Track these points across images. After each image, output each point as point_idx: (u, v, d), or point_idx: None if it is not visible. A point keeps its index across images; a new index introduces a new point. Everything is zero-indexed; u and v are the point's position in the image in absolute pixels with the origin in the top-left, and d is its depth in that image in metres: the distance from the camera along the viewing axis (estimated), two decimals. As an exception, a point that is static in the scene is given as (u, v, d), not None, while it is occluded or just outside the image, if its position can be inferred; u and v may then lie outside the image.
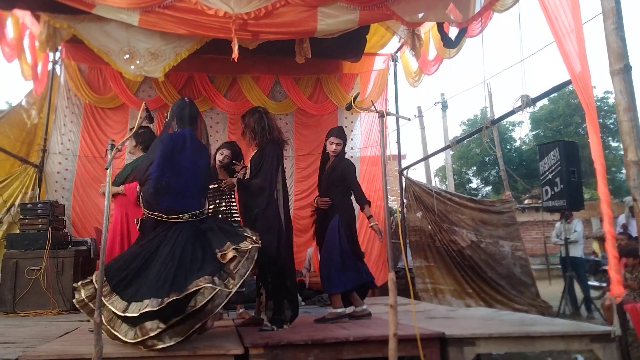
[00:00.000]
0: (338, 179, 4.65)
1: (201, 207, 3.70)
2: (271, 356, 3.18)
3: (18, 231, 6.17)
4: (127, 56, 6.25)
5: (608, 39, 3.16)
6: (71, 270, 5.98)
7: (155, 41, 6.15)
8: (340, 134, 4.79)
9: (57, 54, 7.40)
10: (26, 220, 6.12)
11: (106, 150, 3.01)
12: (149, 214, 3.61)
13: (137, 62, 6.27)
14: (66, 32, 6.26)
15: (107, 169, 2.93)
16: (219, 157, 4.85)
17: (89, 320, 4.67)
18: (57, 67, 7.48)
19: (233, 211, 4.75)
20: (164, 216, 3.54)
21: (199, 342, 3.38)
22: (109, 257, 3.84)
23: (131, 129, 3.37)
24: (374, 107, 3.41)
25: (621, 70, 3.09)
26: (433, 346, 3.33)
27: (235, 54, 5.10)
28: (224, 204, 4.76)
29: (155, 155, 3.61)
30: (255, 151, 4.32)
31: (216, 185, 4.65)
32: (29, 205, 6.23)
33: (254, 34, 5.39)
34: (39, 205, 6.20)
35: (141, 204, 3.74)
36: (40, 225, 6.07)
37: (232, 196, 4.77)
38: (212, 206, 4.68)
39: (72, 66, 7.41)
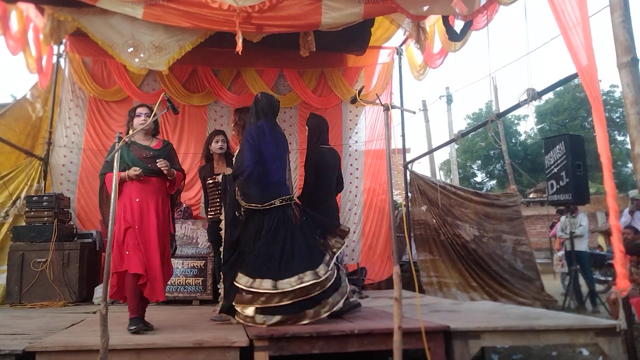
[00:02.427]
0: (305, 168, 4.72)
1: (289, 192, 3.96)
2: (276, 348, 3.19)
3: (24, 223, 6.21)
4: (131, 49, 6.24)
5: (615, 32, 3.14)
6: (77, 262, 6.05)
7: (159, 34, 6.13)
8: (307, 119, 4.92)
9: (62, 47, 7.39)
10: (32, 213, 6.16)
11: None
12: (247, 205, 3.85)
13: (141, 55, 6.26)
14: (70, 25, 6.24)
15: (107, 161, 2.95)
16: (215, 146, 4.80)
17: (95, 312, 4.70)
18: (62, 60, 7.47)
19: None
20: (259, 205, 3.81)
21: (204, 334, 3.39)
22: (118, 249, 3.75)
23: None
24: (379, 100, 3.37)
25: (628, 63, 3.07)
26: (438, 339, 3.33)
27: (239, 47, 5.07)
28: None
29: (244, 149, 3.88)
30: None
31: (217, 180, 4.58)
32: (34, 198, 6.27)
33: (258, 27, 5.37)
34: (45, 197, 6.24)
35: (239, 197, 3.91)
36: (46, 218, 6.11)
37: None
38: (216, 201, 4.66)
39: (76, 59, 7.40)
